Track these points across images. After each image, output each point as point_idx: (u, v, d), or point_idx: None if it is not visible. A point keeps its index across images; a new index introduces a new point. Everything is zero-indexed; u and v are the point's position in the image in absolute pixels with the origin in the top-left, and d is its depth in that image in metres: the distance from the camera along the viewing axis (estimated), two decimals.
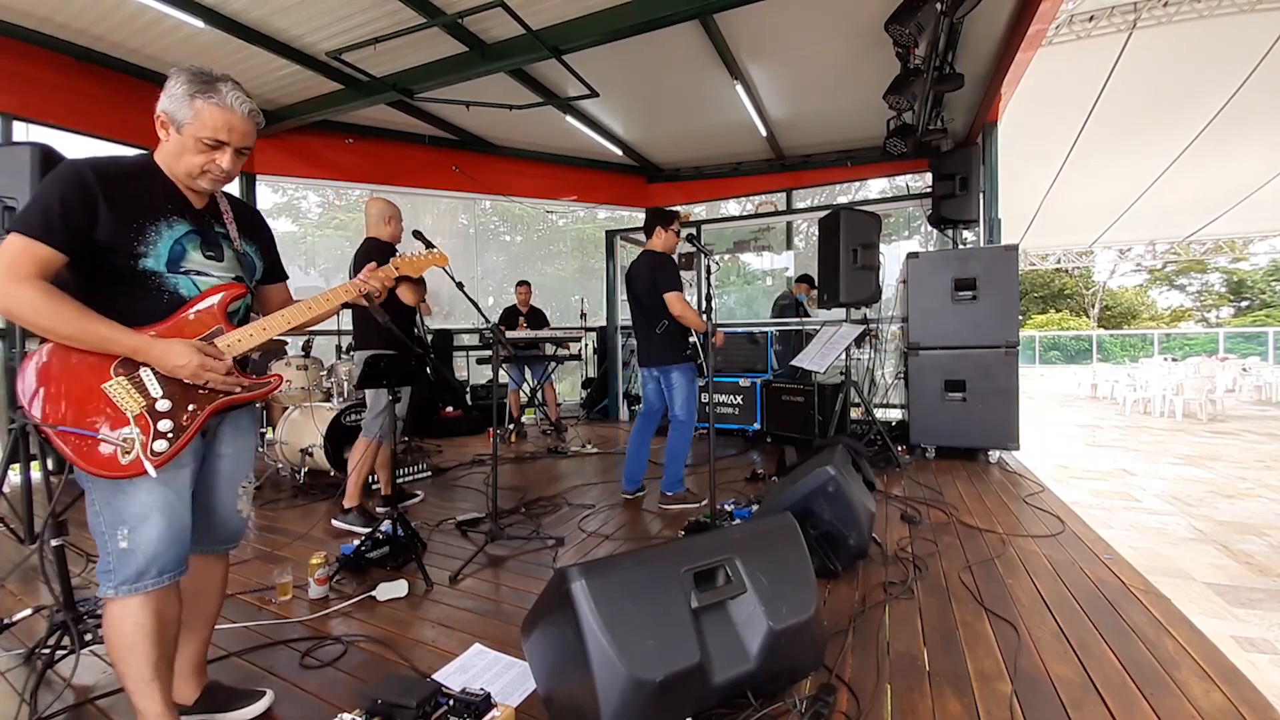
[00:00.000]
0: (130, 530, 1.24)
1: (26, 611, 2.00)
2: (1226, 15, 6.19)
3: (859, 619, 1.97)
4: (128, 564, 1.25)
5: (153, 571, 1.27)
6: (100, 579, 1.26)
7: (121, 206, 1.23)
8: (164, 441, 1.24)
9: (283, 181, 6.30)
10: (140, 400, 1.22)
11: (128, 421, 1.20)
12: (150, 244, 1.27)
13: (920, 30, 3.33)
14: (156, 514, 1.26)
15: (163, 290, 1.29)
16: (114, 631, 1.27)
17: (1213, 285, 28.72)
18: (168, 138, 1.30)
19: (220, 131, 1.28)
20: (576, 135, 6.48)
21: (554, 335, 5.61)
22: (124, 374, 1.22)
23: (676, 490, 3.38)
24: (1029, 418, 4.49)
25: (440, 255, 1.87)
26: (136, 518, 1.25)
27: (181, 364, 1.23)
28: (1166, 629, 1.87)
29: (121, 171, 1.27)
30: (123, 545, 1.24)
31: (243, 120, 1.31)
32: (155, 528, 1.26)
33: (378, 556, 2.48)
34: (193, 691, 1.51)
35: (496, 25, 4.18)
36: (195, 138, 1.27)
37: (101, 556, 1.26)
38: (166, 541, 1.28)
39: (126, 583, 1.25)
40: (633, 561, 1.40)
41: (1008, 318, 4.22)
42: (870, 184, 9.18)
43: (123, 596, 1.25)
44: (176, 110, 1.27)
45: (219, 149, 1.30)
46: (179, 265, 1.31)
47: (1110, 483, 5.81)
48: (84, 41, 4.36)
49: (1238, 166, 9.55)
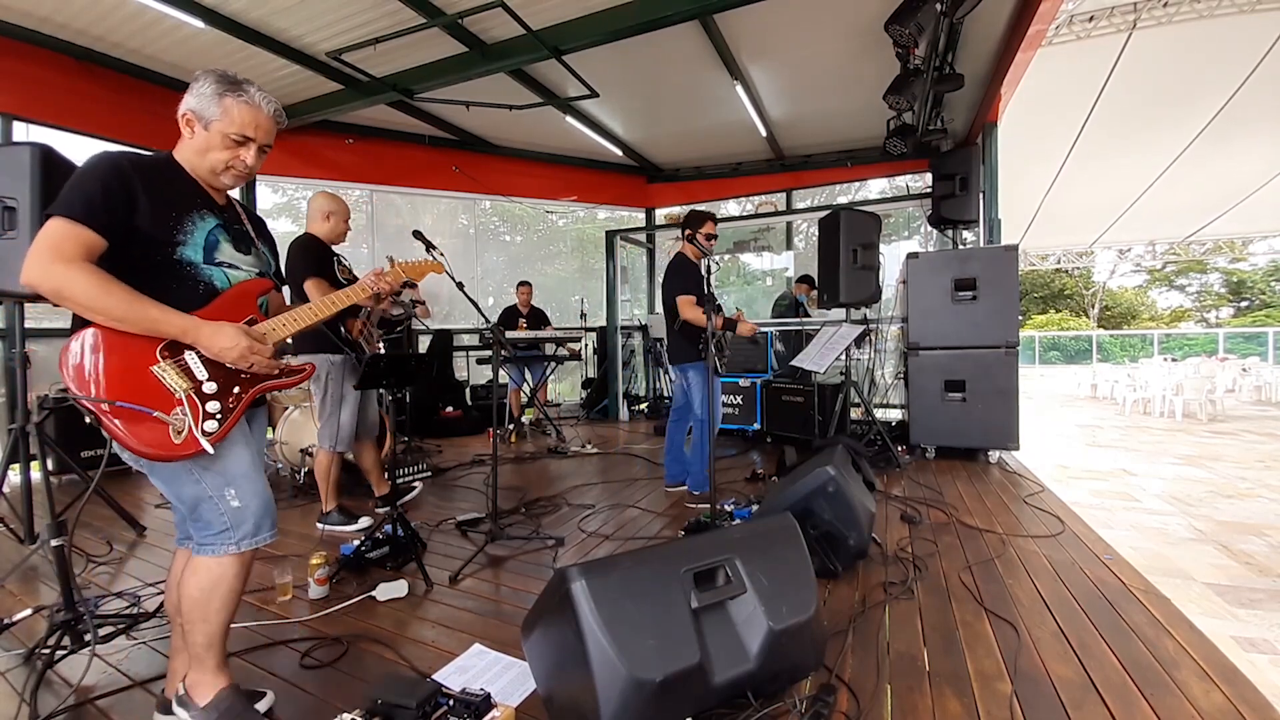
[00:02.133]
0: (238, 489, 1.33)
1: (26, 611, 1.99)
2: (1226, 15, 6.19)
3: (859, 619, 1.97)
4: (244, 519, 1.34)
5: (267, 524, 1.38)
6: (216, 540, 1.33)
7: (157, 196, 1.28)
8: (213, 422, 1.28)
9: (283, 181, 6.29)
10: (187, 383, 1.26)
11: (178, 402, 1.24)
12: (188, 233, 1.32)
13: (920, 30, 3.33)
14: (254, 472, 1.37)
15: (199, 281, 1.34)
16: (205, 588, 1.34)
17: (1212, 285, 28.71)
18: (193, 135, 1.35)
19: (248, 128, 1.34)
20: (576, 135, 6.48)
21: (554, 335, 5.61)
22: (170, 357, 1.26)
23: (704, 490, 3.38)
24: (1029, 418, 4.48)
25: (438, 263, 1.98)
26: (240, 477, 1.34)
27: (229, 345, 1.27)
28: (1166, 629, 1.87)
29: (152, 164, 1.32)
30: (235, 504, 1.33)
31: (268, 118, 1.38)
32: (255, 483, 1.36)
33: (378, 556, 2.48)
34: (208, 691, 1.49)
35: (496, 25, 4.18)
36: (223, 134, 1.33)
37: (212, 522, 1.32)
38: (266, 497, 1.38)
39: (247, 537, 1.34)
40: (633, 561, 1.40)
41: (1008, 318, 4.22)
42: (870, 184, 9.17)
43: (241, 552, 1.34)
44: (205, 108, 1.32)
45: (244, 145, 1.36)
46: (213, 256, 1.37)
47: (1110, 483, 5.81)
48: (84, 41, 4.36)
49: (1238, 166, 9.55)
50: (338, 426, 2.97)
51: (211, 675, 1.38)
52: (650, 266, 8.46)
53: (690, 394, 3.43)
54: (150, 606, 2.09)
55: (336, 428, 2.97)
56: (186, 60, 4.68)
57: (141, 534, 3.00)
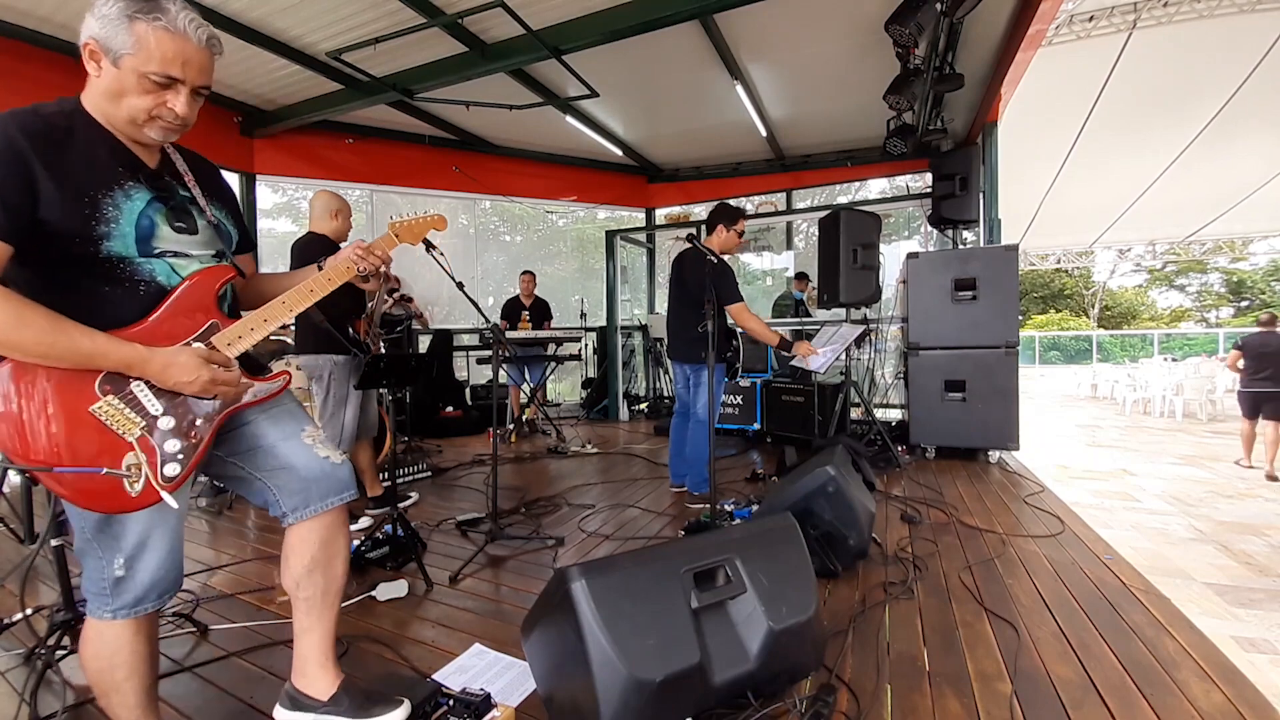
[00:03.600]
0: (127, 559, 1.09)
1: (27, 611, 1.99)
2: (1226, 15, 6.19)
3: (859, 619, 1.97)
4: (125, 591, 1.10)
5: (152, 596, 1.13)
6: (91, 599, 1.10)
7: (62, 175, 0.97)
8: (175, 464, 1.06)
9: (283, 181, 6.28)
10: (138, 420, 1.03)
11: (130, 447, 1.01)
12: (110, 221, 1.02)
13: (920, 30, 3.33)
14: (157, 539, 1.11)
15: (137, 280, 1.06)
16: (102, 658, 1.12)
17: (1212, 285, 28.71)
18: (99, 73, 1.01)
19: (172, 65, 0.99)
20: (576, 135, 6.48)
21: (554, 335, 5.61)
22: (113, 391, 1.00)
23: (704, 490, 3.35)
24: (1029, 418, 4.48)
25: (438, 217, 1.55)
26: (135, 546, 1.09)
27: (188, 379, 1.03)
28: (1166, 629, 1.87)
29: (49, 126, 1.00)
30: (119, 574, 1.09)
31: (199, 49, 1.02)
32: (156, 554, 1.11)
33: (378, 556, 2.48)
34: (329, 684, 1.31)
35: (496, 25, 4.18)
36: (138, 72, 0.98)
37: (92, 578, 1.10)
38: (168, 567, 1.14)
39: (125, 608, 1.11)
40: (633, 561, 1.40)
41: (1008, 318, 4.22)
42: (870, 184, 9.18)
43: (121, 619, 1.11)
44: (111, 36, 0.97)
45: (170, 87, 1.01)
46: (150, 246, 1.08)
47: (1110, 483, 5.81)
48: None
49: (1237, 166, 9.55)
50: (340, 427, 2.97)
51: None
52: (650, 266, 8.46)
53: (697, 394, 3.38)
54: None
55: (340, 428, 2.97)
56: None
57: None
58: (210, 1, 3.88)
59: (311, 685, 1.30)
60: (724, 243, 3.31)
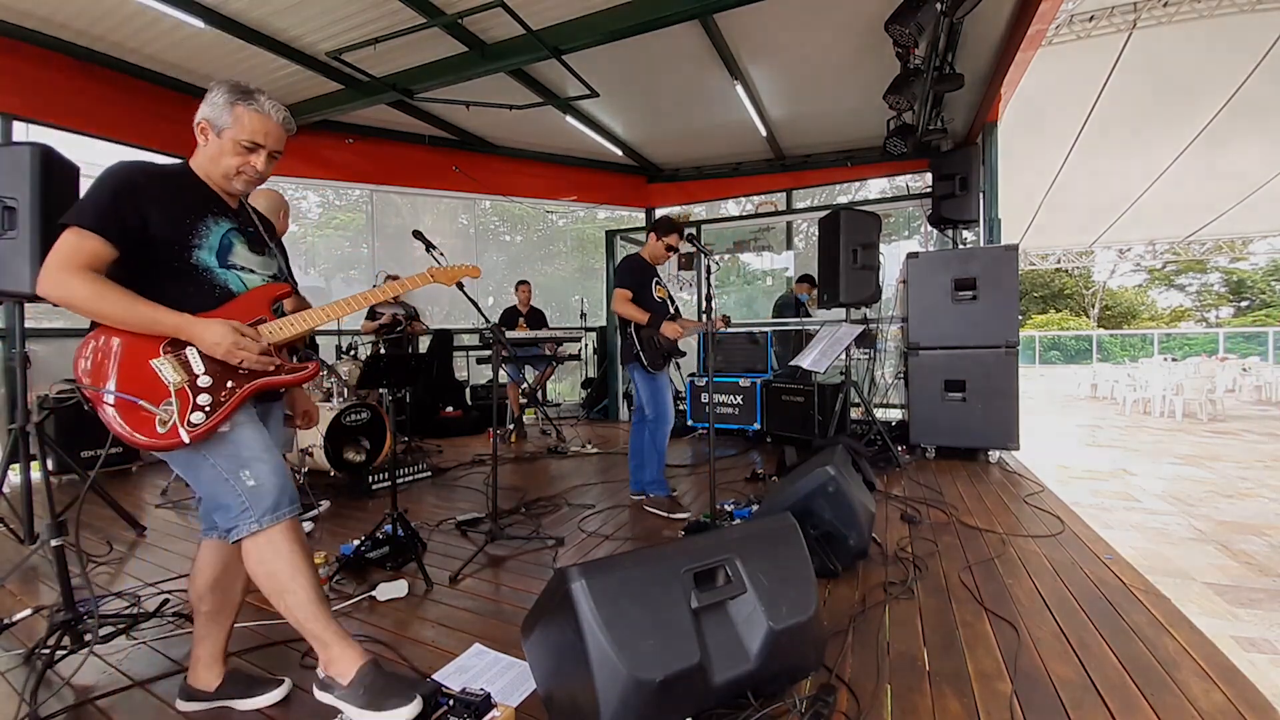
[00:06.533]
0: (251, 470, 1.37)
1: (26, 611, 2.00)
2: (1226, 15, 6.20)
3: (859, 619, 1.97)
4: (262, 497, 1.36)
5: (285, 500, 1.39)
6: (238, 522, 1.36)
7: (169, 203, 1.36)
8: (201, 414, 1.32)
9: (283, 181, 6.27)
10: (183, 375, 1.32)
11: (168, 394, 1.30)
12: (202, 237, 1.40)
13: (920, 30, 3.33)
14: (268, 454, 1.40)
15: (213, 285, 1.41)
16: (271, 563, 1.38)
17: (1212, 285, 28.71)
18: (206, 143, 1.43)
19: (258, 135, 1.42)
20: (576, 135, 6.48)
21: (554, 335, 5.61)
22: (171, 352, 1.33)
23: (655, 492, 3.33)
24: (1029, 418, 4.48)
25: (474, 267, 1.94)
26: (251, 459, 1.37)
27: (217, 340, 1.32)
28: (1166, 629, 1.87)
29: (165, 172, 1.41)
30: (250, 484, 1.36)
31: (277, 126, 1.45)
32: (266, 465, 1.39)
33: (377, 556, 2.48)
34: (215, 678, 1.56)
35: (496, 25, 4.18)
36: (234, 140, 1.40)
37: (233, 505, 1.36)
38: (281, 475, 1.40)
39: (268, 513, 1.36)
40: (633, 561, 1.40)
41: (1008, 317, 4.22)
42: (870, 184, 9.17)
43: (268, 528, 1.36)
44: (218, 117, 1.40)
45: (255, 151, 1.43)
46: (228, 259, 1.44)
47: (1110, 483, 5.81)
48: (84, 42, 4.35)
49: (1238, 166, 9.56)
50: None
51: (339, 650, 1.41)
52: None
53: (636, 391, 3.37)
54: (150, 606, 2.09)
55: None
56: (187, 60, 4.67)
57: (141, 534, 3.00)
58: (210, 1, 3.88)
59: (201, 681, 1.57)
60: (651, 250, 3.39)
